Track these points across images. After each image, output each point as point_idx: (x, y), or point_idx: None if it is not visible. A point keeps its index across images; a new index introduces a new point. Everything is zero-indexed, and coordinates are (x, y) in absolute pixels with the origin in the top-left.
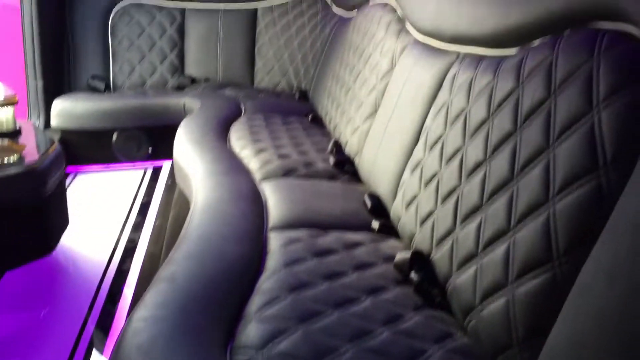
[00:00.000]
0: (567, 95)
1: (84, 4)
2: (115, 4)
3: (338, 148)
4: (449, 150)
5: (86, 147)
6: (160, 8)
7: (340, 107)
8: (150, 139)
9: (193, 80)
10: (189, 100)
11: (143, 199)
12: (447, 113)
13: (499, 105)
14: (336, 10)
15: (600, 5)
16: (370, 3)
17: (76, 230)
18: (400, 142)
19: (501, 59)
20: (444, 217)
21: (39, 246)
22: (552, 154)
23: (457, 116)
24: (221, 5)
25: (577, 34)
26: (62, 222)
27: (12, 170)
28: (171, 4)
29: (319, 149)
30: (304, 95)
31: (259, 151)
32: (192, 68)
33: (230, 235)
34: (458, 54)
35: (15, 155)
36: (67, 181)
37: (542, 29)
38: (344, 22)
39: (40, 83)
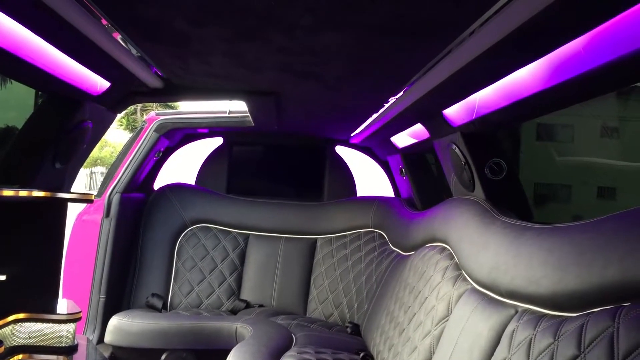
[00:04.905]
0: None
1: (159, 227)
2: (187, 227)
3: None
4: None
5: None
6: (227, 232)
7: (393, 348)
8: None
9: (247, 305)
10: (241, 326)
11: None
12: None
13: None
14: (393, 247)
15: None
16: (427, 245)
17: None
18: None
19: (562, 320)
20: None
21: None
22: None
23: None
24: (283, 234)
25: (638, 307)
26: None
27: None
28: (237, 230)
29: None
30: (356, 330)
31: None
32: (248, 293)
33: None
34: (517, 309)
35: None
36: None
37: (601, 297)
38: (400, 259)
39: (102, 299)
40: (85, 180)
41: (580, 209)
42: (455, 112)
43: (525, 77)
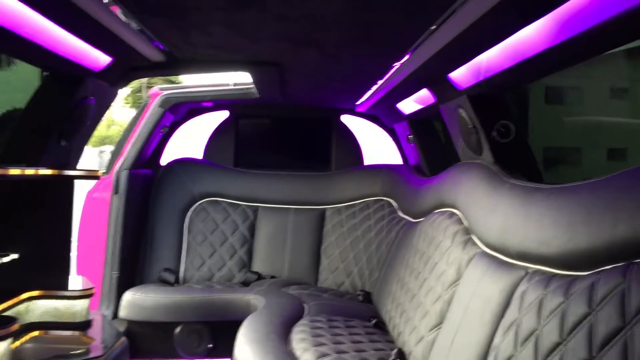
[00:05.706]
0: None
1: (168, 202)
2: (196, 202)
3: (401, 358)
4: None
5: (148, 339)
6: (236, 205)
7: (405, 313)
8: (212, 334)
9: (259, 277)
10: (253, 297)
11: None
12: (516, 332)
13: (572, 329)
14: (402, 214)
15: None
16: (436, 211)
17: None
18: (467, 359)
19: (572, 279)
20: None
21: None
22: None
23: (528, 337)
24: (292, 205)
25: None
26: None
27: None
28: (246, 202)
29: (381, 358)
30: (367, 298)
31: (321, 356)
32: (259, 265)
33: None
34: (527, 270)
35: (83, 348)
36: None
37: (611, 255)
38: (410, 226)
39: (115, 274)
40: (96, 160)
41: (590, 172)
42: (461, 75)
43: (532, 36)
